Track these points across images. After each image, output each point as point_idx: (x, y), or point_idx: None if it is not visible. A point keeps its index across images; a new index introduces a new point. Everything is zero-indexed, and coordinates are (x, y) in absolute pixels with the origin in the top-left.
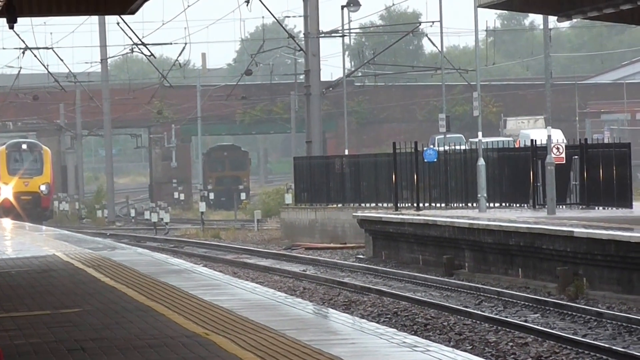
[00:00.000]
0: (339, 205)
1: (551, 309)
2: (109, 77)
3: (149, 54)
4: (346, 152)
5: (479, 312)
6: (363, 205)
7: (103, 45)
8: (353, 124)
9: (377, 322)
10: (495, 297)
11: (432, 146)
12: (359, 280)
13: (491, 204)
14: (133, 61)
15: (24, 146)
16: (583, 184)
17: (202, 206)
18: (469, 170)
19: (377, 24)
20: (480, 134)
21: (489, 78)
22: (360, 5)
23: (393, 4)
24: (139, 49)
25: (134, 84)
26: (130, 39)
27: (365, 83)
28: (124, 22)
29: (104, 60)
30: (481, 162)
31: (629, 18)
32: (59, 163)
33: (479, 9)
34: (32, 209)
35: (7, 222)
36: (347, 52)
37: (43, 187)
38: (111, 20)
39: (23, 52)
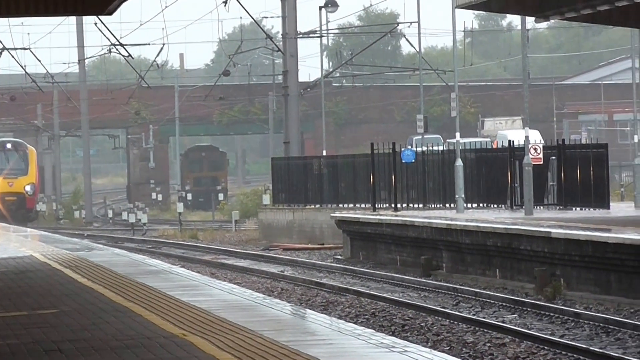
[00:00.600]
0: (317, 206)
1: (529, 309)
2: (86, 78)
3: (127, 54)
4: (324, 153)
5: (457, 313)
6: (341, 206)
7: (81, 46)
8: (331, 125)
9: (355, 323)
10: (473, 297)
11: (410, 147)
12: (337, 281)
13: (469, 205)
14: (111, 62)
15: (9, 145)
16: (560, 184)
17: (180, 207)
18: (446, 170)
19: (355, 25)
20: (458, 134)
21: (467, 79)
22: (338, 6)
23: (371, 5)
24: (117, 49)
25: (111, 85)
26: (108, 39)
27: (343, 84)
28: (102, 22)
29: (81, 60)
30: (459, 162)
31: (606, 19)
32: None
33: (457, 10)
34: (16, 210)
35: None
36: (325, 53)
37: (28, 188)
38: (89, 20)
39: (0, 53)
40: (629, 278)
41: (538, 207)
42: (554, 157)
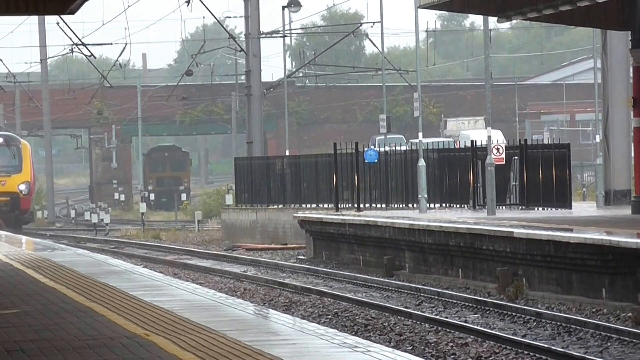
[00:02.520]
0: (280, 206)
1: (491, 309)
2: (48, 78)
3: (89, 54)
4: (287, 153)
5: (419, 313)
6: (304, 206)
7: (43, 46)
8: (294, 125)
9: (318, 323)
10: (436, 297)
11: (372, 147)
12: (300, 281)
13: (431, 205)
14: (73, 61)
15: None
16: (523, 184)
17: (143, 207)
18: (409, 170)
19: (318, 25)
20: (420, 134)
21: (429, 79)
22: (301, 5)
23: (334, 5)
24: (79, 49)
25: (74, 84)
26: (70, 39)
27: (306, 84)
28: (64, 22)
29: (43, 60)
30: (421, 162)
31: (568, 19)
32: None
33: (420, 10)
34: (9, 212)
35: None
36: (288, 53)
37: (22, 187)
38: (51, 20)
39: None
40: (591, 278)
41: (500, 207)
42: (516, 157)
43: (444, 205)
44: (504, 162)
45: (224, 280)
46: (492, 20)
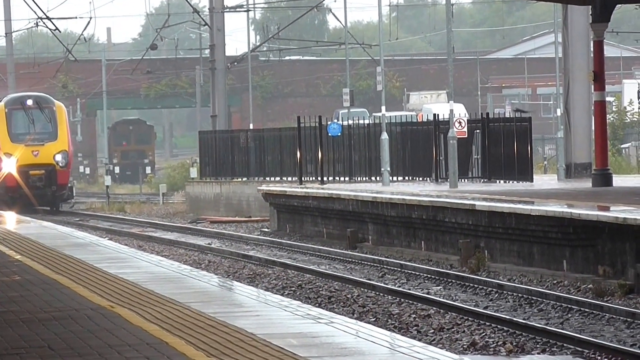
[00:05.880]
0: (244, 179)
1: (453, 281)
2: (13, 51)
3: (54, 28)
4: (251, 127)
5: (382, 285)
6: (268, 179)
7: (7, 19)
8: (258, 99)
9: (282, 295)
10: (398, 269)
11: (336, 120)
12: (264, 253)
13: (394, 178)
14: (38, 35)
15: (30, 102)
16: (485, 157)
17: (108, 180)
18: (372, 144)
19: None
20: (383, 108)
21: (392, 53)
22: None
23: None
24: (44, 23)
25: (39, 58)
26: (35, 12)
27: (270, 58)
28: None
29: (8, 34)
30: (384, 136)
31: None
32: None
33: None
34: (45, 188)
35: None
36: (252, 27)
37: (59, 157)
38: None
39: None
40: (551, 250)
41: (463, 180)
42: (478, 131)
43: (406, 178)
44: (466, 136)
45: (189, 253)
46: None
